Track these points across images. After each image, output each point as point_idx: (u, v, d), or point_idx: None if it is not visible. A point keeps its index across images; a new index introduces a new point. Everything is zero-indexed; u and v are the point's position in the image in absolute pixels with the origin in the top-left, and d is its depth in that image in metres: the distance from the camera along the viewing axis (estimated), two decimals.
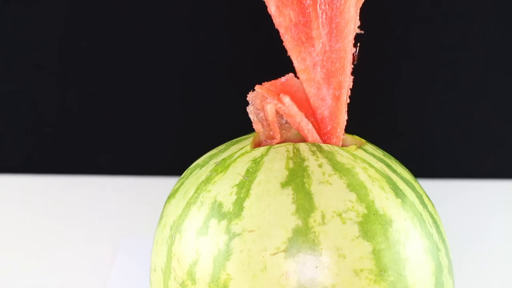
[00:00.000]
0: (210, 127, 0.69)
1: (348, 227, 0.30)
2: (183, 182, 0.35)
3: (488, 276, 0.53)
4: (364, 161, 0.33)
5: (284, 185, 0.31)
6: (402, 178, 0.34)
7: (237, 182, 0.32)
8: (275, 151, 0.33)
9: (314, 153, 0.33)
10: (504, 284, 0.52)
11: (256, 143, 0.35)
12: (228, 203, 0.31)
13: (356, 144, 0.35)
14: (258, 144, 0.35)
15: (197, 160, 0.37)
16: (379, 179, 0.32)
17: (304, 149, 0.33)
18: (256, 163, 0.33)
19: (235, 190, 0.32)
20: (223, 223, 0.31)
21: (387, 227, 0.31)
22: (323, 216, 0.30)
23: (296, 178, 0.31)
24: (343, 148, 0.34)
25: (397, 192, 0.32)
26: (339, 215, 0.30)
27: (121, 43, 0.68)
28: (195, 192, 0.33)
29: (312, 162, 0.32)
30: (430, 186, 0.60)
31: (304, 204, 0.30)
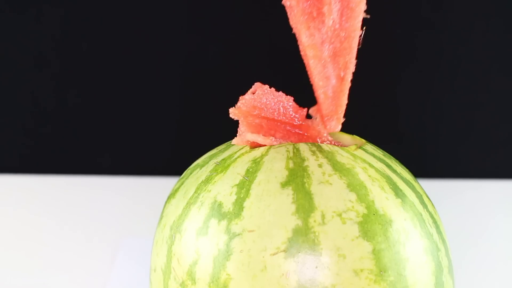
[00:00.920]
0: (210, 127, 0.69)
1: (348, 227, 0.30)
2: (183, 182, 0.35)
3: (488, 276, 0.53)
4: (364, 161, 0.33)
5: (284, 185, 0.31)
6: (402, 178, 0.34)
7: (237, 182, 0.32)
8: (275, 151, 0.33)
9: (314, 153, 0.33)
10: (504, 284, 0.52)
11: (255, 143, 0.35)
12: (228, 203, 0.31)
13: (356, 144, 0.35)
14: (258, 144, 0.35)
15: (197, 160, 0.37)
16: (379, 179, 0.32)
17: (304, 149, 0.33)
18: (256, 163, 0.33)
19: (235, 190, 0.32)
20: (223, 223, 0.31)
21: (387, 227, 0.31)
22: (323, 216, 0.30)
23: (296, 178, 0.31)
24: (343, 148, 0.34)
25: (397, 192, 0.32)
26: (339, 215, 0.30)
27: (121, 43, 0.68)
28: (195, 192, 0.33)
29: (312, 162, 0.32)
30: (430, 186, 0.60)
31: (304, 204, 0.30)
